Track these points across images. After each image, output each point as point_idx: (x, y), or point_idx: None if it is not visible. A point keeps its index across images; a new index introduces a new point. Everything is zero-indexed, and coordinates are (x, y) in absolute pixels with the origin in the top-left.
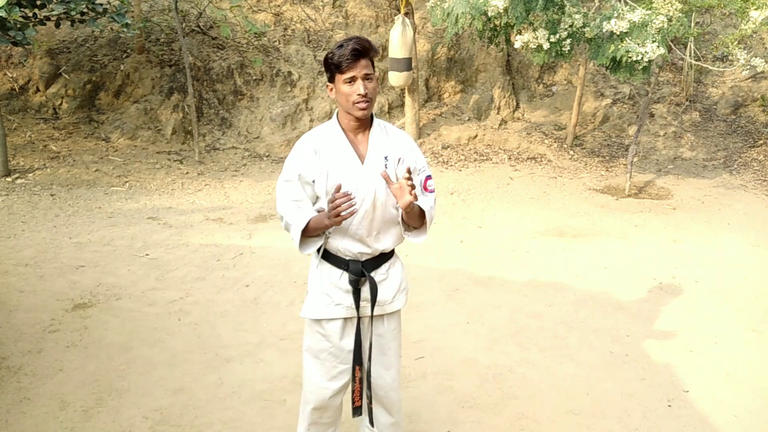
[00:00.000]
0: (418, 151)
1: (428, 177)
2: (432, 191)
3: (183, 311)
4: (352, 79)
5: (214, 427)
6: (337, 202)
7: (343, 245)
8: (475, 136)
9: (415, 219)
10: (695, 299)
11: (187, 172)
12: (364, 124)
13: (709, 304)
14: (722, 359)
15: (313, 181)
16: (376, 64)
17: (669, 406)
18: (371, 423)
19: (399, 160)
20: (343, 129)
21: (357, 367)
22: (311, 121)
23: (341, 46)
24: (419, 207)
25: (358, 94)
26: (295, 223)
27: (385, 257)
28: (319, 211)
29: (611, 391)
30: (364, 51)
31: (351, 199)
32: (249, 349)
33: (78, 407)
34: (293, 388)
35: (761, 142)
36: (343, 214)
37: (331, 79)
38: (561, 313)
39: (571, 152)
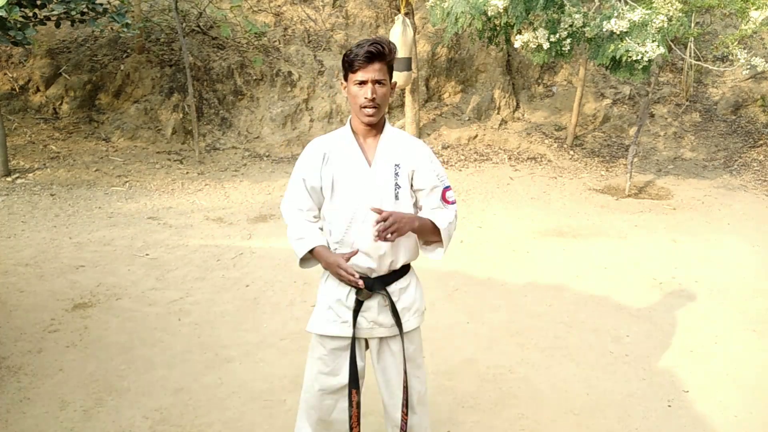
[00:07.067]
0: (436, 162)
1: (447, 188)
2: (453, 203)
3: (183, 311)
4: (363, 83)
5: (214, 427)
6: (344, 267)
7: (352, 260)
8: (475, 136)
9: (426, 234)
10: (695, 299)
11: (187, 172)
12: (376, 128)
13: (709, 304)
14: (722, 359)
15: (321, 188)
16: None
17: (669, 406)
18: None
19: (413, 171)
20: (354, 133)
21: (353, 391)
22: (311, 121)
23: (360, 45)
24: (431, 222)
25: (365, 98)
26: (299, 246)
27: (396, 275)
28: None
29: (611, 391)
30: (379, 54)
31: (354, 276)
32: (249, 349)
33: (78, 407)
34: (293, 388)
35: (761, 142)
36: (344, 281)
37: (345, 77)
38: (561, 313)
39: (571, 152)
